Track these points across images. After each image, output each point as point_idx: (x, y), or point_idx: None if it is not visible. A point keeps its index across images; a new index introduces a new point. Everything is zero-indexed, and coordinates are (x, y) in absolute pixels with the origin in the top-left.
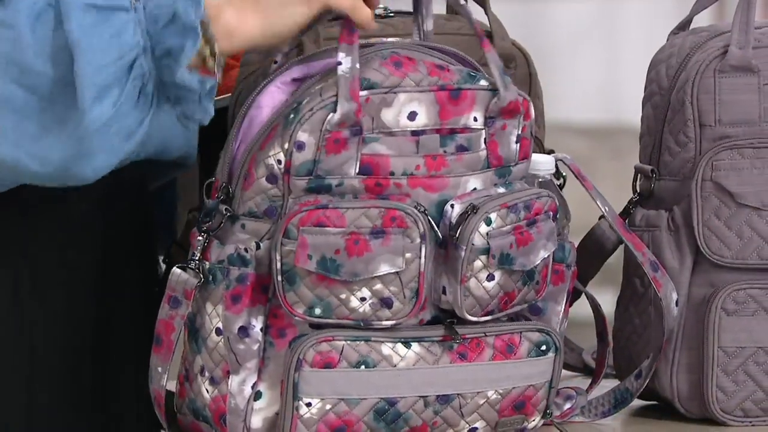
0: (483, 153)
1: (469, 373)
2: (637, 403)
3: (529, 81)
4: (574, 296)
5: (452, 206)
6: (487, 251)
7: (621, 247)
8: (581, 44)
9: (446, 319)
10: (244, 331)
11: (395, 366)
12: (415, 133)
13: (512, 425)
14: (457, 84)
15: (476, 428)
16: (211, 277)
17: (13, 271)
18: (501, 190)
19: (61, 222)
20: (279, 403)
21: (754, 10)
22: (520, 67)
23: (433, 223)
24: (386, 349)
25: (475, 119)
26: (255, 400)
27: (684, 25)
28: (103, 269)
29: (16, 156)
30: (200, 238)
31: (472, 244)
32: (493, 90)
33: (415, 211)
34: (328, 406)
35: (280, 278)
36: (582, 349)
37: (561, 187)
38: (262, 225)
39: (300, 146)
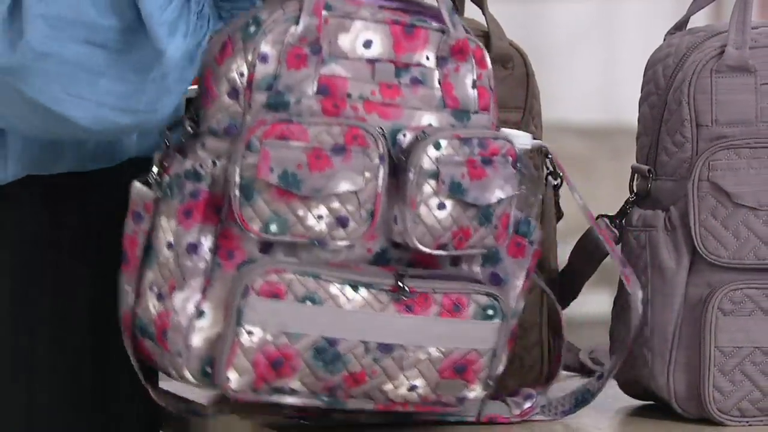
0: (438, 92)
1: (413, 325)
2: (634, 403)
3: (526, 81)
4: (570, 297)
5: (404, 135)
6: (436, 175)
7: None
8: (579, 45)
9: (397, 257)
10: (193, 247)
11: (341, 307)
12: (371, 61)
13: (452, 389)
14: (410, 21)
15: (416, 386)
16: (168, 190)
17: (11, 272)
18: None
19: (58, 222)
20: (221, 324)
21: (751, 10)
22: (517, 67)
23: (389, 146)
24: (334, 288)
25: (428, 58)
26: (197, 318)
27: (681, 25)
28: (100, 268)
29: (102, 116)
30: (161, 152)
31: (421, 167)
32: (444, 32)
33: (377, 131)
34: (269, 337)
35: (237, 192)
36: (579, 350)
37: (557, 187)
38: (221, 144)
39: (263, 58)
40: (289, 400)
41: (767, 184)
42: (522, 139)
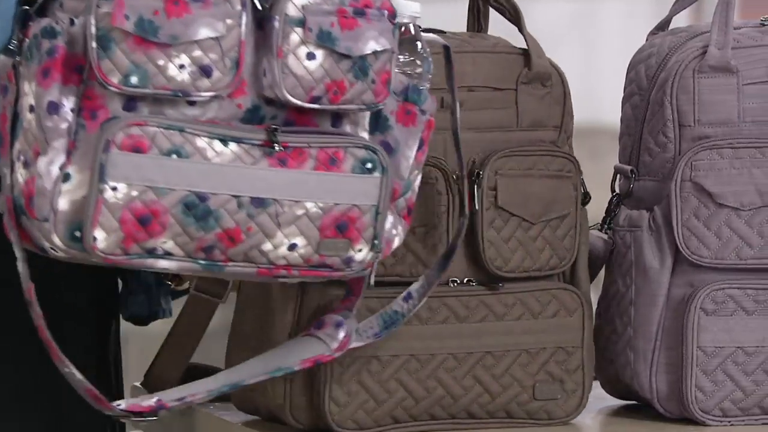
0: None
1: (287, 179)
2: (616, 403)
3: (563, 100)
4: None
5: None
6: (302, 23)
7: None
8: (559, 45)
9: (271, 115)
10: (54, 107)
11: (209, 160)
12: None
13: (336, 249)
14: None
15: (296, 245)
16: (28, 53)
17: None
18: None
19: None
20: (87, 187)
21: (733, 10)
22: (555, 86)
23: None
24: (201, 142)
25: None
26: (63, 182)
27: (663, 26)
28: (50, 268)
29: None
30: (21, 15)
31: (286, 14)
32: None
33: None
34: (134, 193)
35: (94, 44)
36: None
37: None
38: (79, 3)
39: None
40: (164, 263)
41: (749, 184)
42: (411, 9)
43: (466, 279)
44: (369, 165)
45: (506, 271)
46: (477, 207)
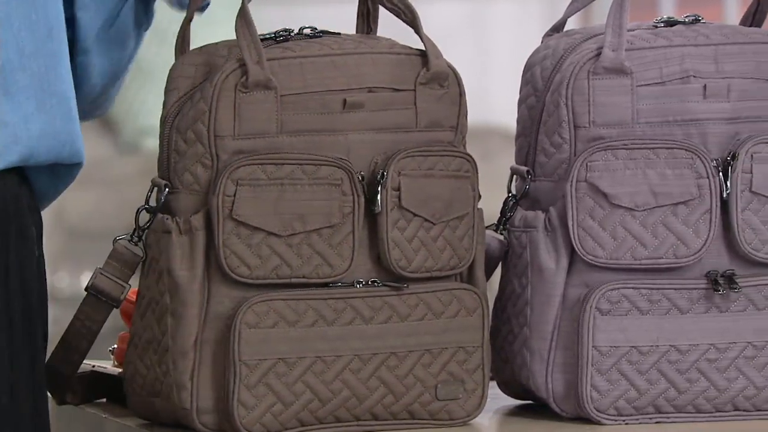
0: None
1: None
2: (512, 402)
3: (459, 101)
4: None
5: None
6: None
7: None
8: (451, 47)
9: None
10: None
11: None
12: None
13: None
14: None
15: None
16: None
17: None
18: None
19: None
20: None
21: (627, 12)
22: (451, 86)
23: None
24: None
25: None
26: None
27: (558, 27)
28: None
29: None
30: None
31: None
32: None
33: None
34: None
35: None
36: None
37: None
38: None
39: None
40: None
41: (643, 184)
42: None
43: (370, 280)
44: None
45: (410, 271)
46: (381, 207)
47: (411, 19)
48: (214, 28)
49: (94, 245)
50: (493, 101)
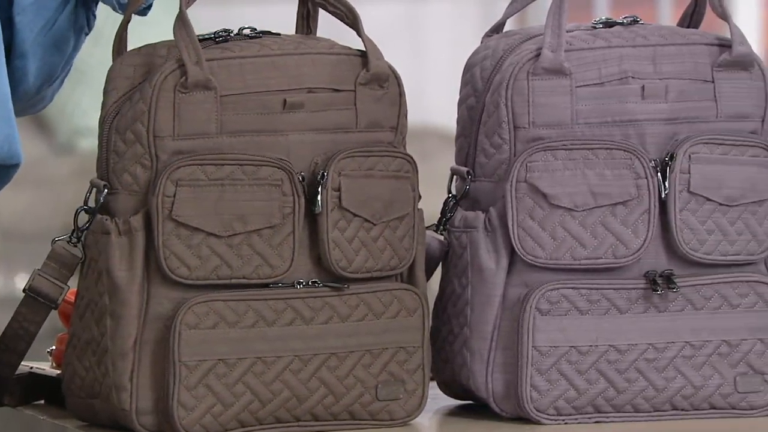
0: None
1: None
2: (451, 402)
3: (399, 100)
4: None
5: None
6: None
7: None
8: (388, 48)
9: None
10: None
11: None
12: None
13: None
14: None
15: None
16: None
17: None
18: None
19: None
20: None
21: (566, 13)
22: (391, 86)
23: None
24: None
25: None
26: None
27: (497, 28)
28: None
29: None
30: None
31: None
32: None
33: None
34: None
35: None
36: None
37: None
38: None
39: None
40: None
41: (582, 185)
42: None
43: (311, 280)
44: None
45: (350, 271)
46: (321, 208)
47: (352, 21)
48: (151, 27)
49: (27, 246)
50: (430, 102)
